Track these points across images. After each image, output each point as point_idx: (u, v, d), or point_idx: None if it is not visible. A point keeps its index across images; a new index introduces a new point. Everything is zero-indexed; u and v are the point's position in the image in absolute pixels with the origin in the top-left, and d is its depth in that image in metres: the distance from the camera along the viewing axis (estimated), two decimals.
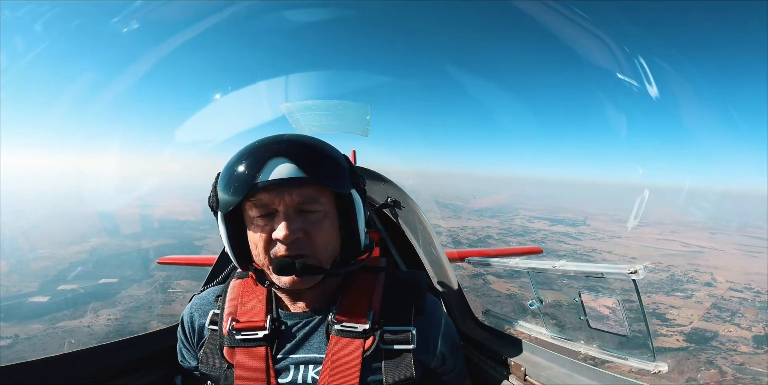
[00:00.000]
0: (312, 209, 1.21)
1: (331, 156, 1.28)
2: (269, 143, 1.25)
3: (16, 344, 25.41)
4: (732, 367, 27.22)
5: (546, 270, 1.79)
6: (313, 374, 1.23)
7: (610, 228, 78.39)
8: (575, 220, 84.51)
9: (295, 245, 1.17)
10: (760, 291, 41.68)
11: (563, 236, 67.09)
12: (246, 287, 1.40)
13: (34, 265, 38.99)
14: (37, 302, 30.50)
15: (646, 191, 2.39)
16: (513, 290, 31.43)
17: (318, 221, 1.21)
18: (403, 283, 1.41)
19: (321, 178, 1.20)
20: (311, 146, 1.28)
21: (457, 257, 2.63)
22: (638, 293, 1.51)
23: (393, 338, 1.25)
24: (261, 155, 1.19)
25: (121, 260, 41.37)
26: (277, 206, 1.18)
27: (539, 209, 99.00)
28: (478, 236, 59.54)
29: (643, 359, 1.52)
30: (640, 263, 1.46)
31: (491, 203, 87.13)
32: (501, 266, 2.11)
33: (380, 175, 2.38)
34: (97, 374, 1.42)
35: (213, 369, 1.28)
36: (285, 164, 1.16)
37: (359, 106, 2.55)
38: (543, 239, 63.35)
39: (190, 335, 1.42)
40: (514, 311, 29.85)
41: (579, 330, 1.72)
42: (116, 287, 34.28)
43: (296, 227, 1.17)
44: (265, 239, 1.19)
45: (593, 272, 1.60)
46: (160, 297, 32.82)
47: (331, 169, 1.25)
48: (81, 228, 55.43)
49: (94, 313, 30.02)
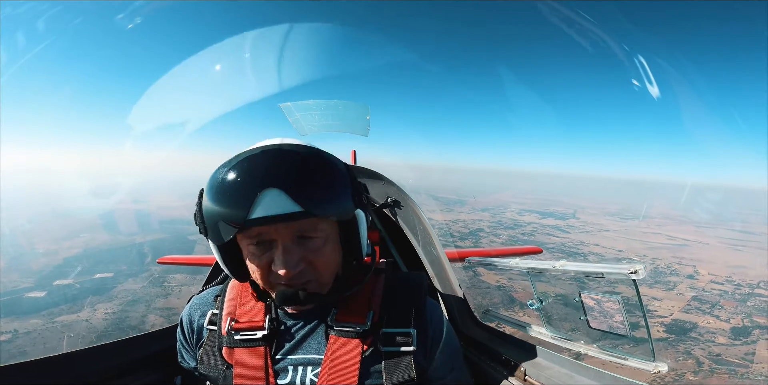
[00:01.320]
0: (312, 235, 1.12)
1: (330, 179, 1.13)
2: (258, 168, 1.08)
3: (16, 339, 25.65)
4: (708, 357, 28.07)
5: (546, 270, 1.77)
6: (311, 375, 1.22)
7: (599, 221, 79.68)
8: (565, 213, 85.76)
9: (298, 277, 1.13)
10: (741, 284, 42.86)
11: (552, 229, 68.13)
12: (245, 287, 1.37)
13: (28, 261, 39.08)
14: (34, 297, 30.65)
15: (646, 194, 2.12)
16: (502, 282, 32.37)
17: (318, 248, 1.14)
18: (403, 284, 1.39)
19: (320, 210, 1.08)
20: (307, 170, 1.11)
21: (457, 257, 2.59)
22: (638, 293, 1.51)
23: (392, 340, 1.24)
24: (250, 186, 1.05)
25: (114, 255, 41.51)
26: (273, 237, 1.10)
27: (530, 202, 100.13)
28: (470, 229, 60.24)
29: (643, 359, 1.51)
30: (639, 263, 1.45)
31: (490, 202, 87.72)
32: (501, 266, 2.09)
33: (380, 175, 2.34)
34: (97, 374, 1.41)
35: (212, 369, 1.26)
36: (278, 196, 1.03)
37: (359, 106, 2.53)
38: (533, 232, 64.38)
39: (189, 335, 1.40)
40: (503, 302, 30.71)
41: (579, 330, 1.71)
42: (112, 282, 34.55)
43: (297, 259, 1.10)
44: (263, 267, 1.13)
45: (593, 272, 1.59)
46: (157, 291, 33.22)
47: (331, 197, 1.12)
48: (71, 224, 55.32)
49: (92, 307, 30.22)
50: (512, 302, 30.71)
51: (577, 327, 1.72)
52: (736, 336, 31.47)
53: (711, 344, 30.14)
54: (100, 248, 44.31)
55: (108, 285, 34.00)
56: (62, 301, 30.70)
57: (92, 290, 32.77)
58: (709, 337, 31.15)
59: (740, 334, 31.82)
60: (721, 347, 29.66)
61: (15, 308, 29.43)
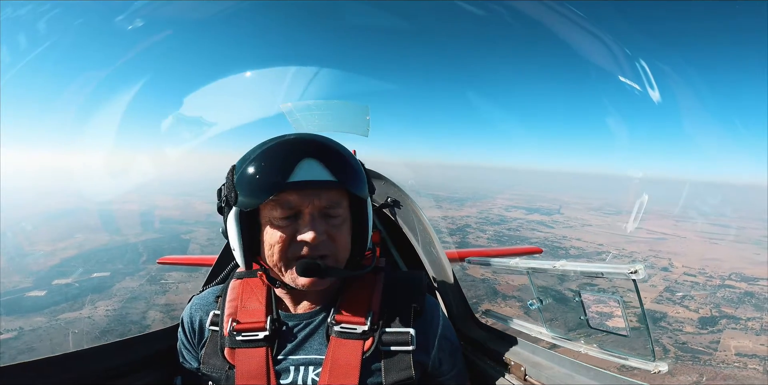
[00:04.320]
0: (335, 213, 1.20)
1: (355, 161, 1.27)
2: (298, 142, 1.21)
3: (23, 336, 26.30)
4: (675, 345, 29.29)
5: (546, 270, 1.75)
6: (313, 375, 1.22)
7: (583, 216, 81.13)
8: (550, 209, 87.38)
9: (320, 247, 1.16)
10: (713, 275, 44.36)
11: (537, 224, 69.58)
12: (246, 287, 1.37)
13: (25, 261, 39.31)
14: (34, 296, 31.15)
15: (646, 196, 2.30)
16: (487, 275, 32.72)
17: (339, 225, 1.21)
18: (402, 283, 1.38)
19: (349, 183, 1.19)
20: (338, 149, 1.24)
21: (457, 257, 2.57)
22: (638, 293, 1.50)
23: (392, 339, 1.24)
24: (291, 154, 1.15)
25: (110, 255, 41.93)
26: (304, 208, 1.15)
27: (518, 198, 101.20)
28: (457, 225, 61.32)
29: (643, 359, 1.49)
30: (639, 263, 1.43)
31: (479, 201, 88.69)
32: (501, 266, 2.07)
33: (379, 175, 2.34)
34: (97, 374, 1.39)
35: (214, 370, 1.26)
36: (317, 166, 1.14)
37: (359, 106, 2.50)
38: (518, 227, 65.67)
39: (191, 335, 1.39)
40: (487, 295, 31.44)
41: (579, 330, 1.69)
42: (110, 281, 35.04)
43: (322, 230, 1.15)
44: (285, 240, 1.16)
45: (593, 271, 1.58)
46: (154, 288, 33.82)
47: (356, 175, 1.24)
48: (65, 224, 55.45)
49: (92, 305, 30.78)
50: (495, 294, 31.66)
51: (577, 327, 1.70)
52: (704, 325, 32.68)
53: (678, 332, 31.28)
54: (95, 248, 44.54)
55: (106, 284, 34.44)
56: (63, 299, 31.21)
57: (91, 288, 33.24)
58: (678, 326, 32.31)
59: (707, 323, 33.04)
60: (687, 336, 30.78)
61: (16, 307, 29.82)
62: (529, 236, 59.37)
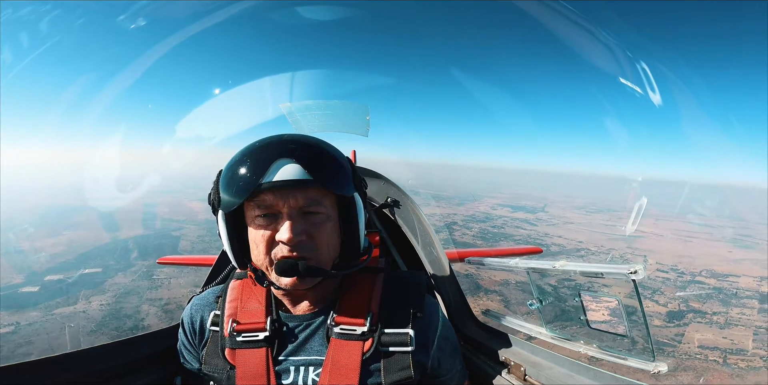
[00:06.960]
0: (315, 211, 1.18)
1: (335, 158, 1.25)
2: (274, 143, 1.21)
3: (20, 331, 26.33)
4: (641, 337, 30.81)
5: (546, 270, 1.75)
6: (313, 376, 1.22)
7: (566, 214, 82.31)
8: (535, 207, 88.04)
9: (298, 247, 1.15)
10: (684, 272, 45.65)
11: (521, 222, 70.42)
12: (245, 287, 1.36)
13: (16, 257, 38.82)
14: (28, 292, 31.11)
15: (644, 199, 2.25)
16: (470, 271, 33.68)
17: (320, 224, 1.19)
18: (402, 284, 1.37)
19: (326, 181, 1.17)
20: (316, 147, 1.24)
21: (457, 257, 2.57)
22: (638, 293, 1.51)
23: (391, 340, 1.23)
24: (266, 155, 1.16)
25: (100, 251, 41.77)
26: (281, 208, 1.15)
27: (504, 196, 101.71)
28: (445, 222, 62.36)
29: (643, 359, 1.50)
30: (639, 264, 1.45)
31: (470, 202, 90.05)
32: (501, 266, 2.07)
33: (379, 174, 2.32)
34: (97, 374, 1.38)
35: (215, 370, 1.26)
36: (291, 165, 1.13)
37: (359, 106, 2.49)
38: (503, 224, 66.56)
39: (191, 336, 1.39)
40: (470, 289, 32.07)
41: (579, 330, 1.68)
42: (101, 276, 34.97)
43: (300, 230, 1.14)
44: (267, 239, 1.16)
45: (593, 271, 1.58)
46: (146, 284, 33.99)
47: (335, 172, 1.22)
48: (53, 221, 54.90)
49: (86, 300, 30.85)
50: (478, 288, 32.18)
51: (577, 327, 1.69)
52: (671, 319, 33.61)
53: None
54: (84, 244, 44.24)
55: (98, 279, 34.39)
56: (56, 295, 31.13)
57: (84, 284, 33.17)
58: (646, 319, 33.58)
59: (675, 317, 33.98)
60: (654, 329, 30.53)
61: (11, 302, 29.79)
62: (512, 233, 60.18)
